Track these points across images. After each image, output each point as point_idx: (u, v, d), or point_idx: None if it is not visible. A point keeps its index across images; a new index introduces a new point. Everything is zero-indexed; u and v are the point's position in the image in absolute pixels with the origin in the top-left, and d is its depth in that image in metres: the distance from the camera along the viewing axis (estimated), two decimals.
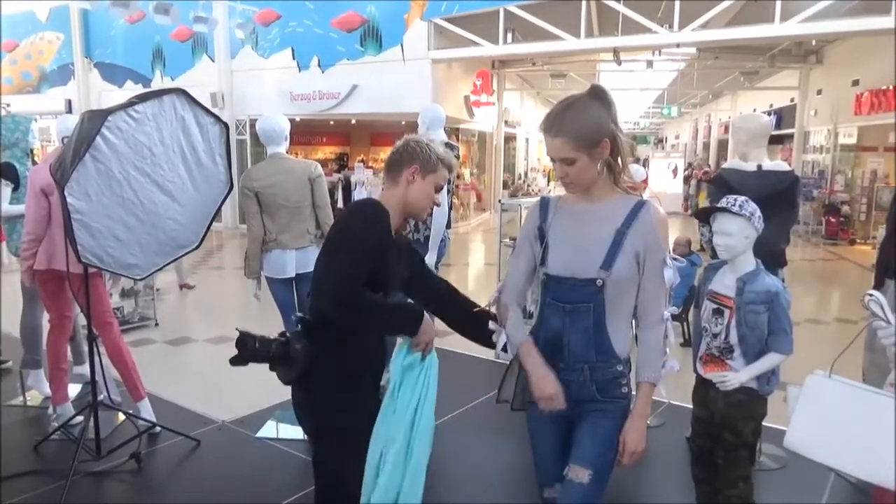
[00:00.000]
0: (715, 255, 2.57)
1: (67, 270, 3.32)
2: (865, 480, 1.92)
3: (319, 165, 4.01)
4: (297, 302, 3.89)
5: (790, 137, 16.18)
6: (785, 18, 9.61)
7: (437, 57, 12.65)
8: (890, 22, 8.87)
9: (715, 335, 2.49)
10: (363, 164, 13.70)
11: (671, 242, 4.76)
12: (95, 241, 3.09)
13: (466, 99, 14.77)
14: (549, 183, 22.78)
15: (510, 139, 19.85)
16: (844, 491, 3.15)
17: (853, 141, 13.81)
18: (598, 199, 1.84)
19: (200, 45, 14.79)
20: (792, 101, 16.24)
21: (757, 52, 15.12)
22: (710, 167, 20.83)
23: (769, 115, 15.44)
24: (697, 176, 18.86)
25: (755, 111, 16.36)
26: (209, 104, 11.15)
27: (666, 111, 26.59)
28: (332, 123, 17.43)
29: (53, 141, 11.73)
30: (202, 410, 4.15)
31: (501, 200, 9.36)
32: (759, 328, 2.39)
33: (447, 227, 4.34)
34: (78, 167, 2.92)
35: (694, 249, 6.15)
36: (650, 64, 15.09)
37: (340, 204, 12.88)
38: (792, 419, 1.87)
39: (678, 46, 12.00)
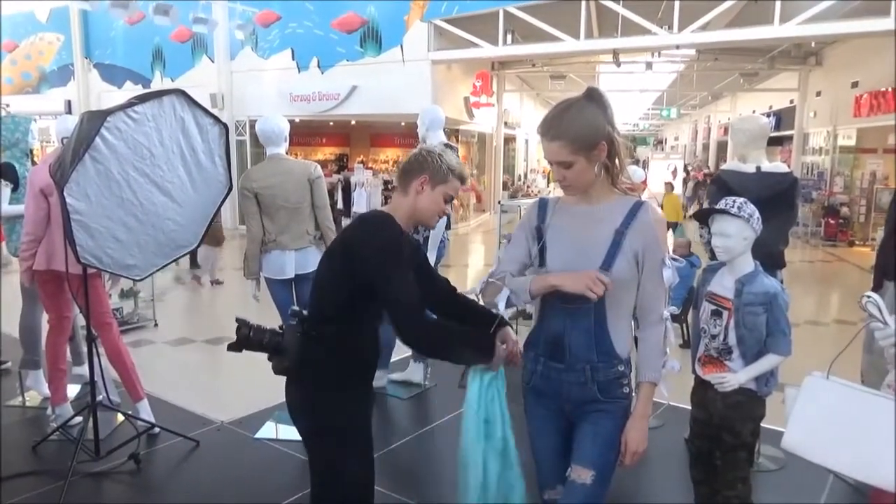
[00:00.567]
0: (714, 256, 2.58)
1: (67, 271, 3.31)
2: (863, 482, 1.92)
3: (319, 166, 4.01)
4: (296, 302, 3.89)
5: (789, 139, 16.20)
6: (784, 20, 9.62)
7: (436, 58, 12.66)
8: (889, 24, 8.88)
9: (713, 336, 2.49)
10: (363, 165, 13.72)
11: (670, 243, 4.77)
12: (94, 241, 3.09)
13: (466, 100, 14.78)
14: (548, 184, 22.79)
15: (510, 140, 19.87)
16: (843, 492, 3.15)
17: (852, 143, 13.84)
18: (596, 200, 1.85)
19: (200, 45, 14.80)
20: (791, 102, 16.27)
21: (756, 53, 15.15)
22: (709, 168, 20.86)
23: (769, 116, 15.49)
24: (694, 178, 18.88)
25: (754, 113, 16.38)
26: (209, 105, 11.15)
27: (665, 113, 26.65)
28: (331, 124, 17.45)
29: (53, 141, 11.73)
30: (201, 411, 4.14)
31: (501, 202, 9.37)
32: (757, 329, 2.39)
33: (447, 228, 4.35)
34: (77, 168, 2.92)
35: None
36: (649, 65, 15.11)
37: (340, 205, 12.89)
38: (790, 420, 1.87)
39: (678, 48, 12.03)
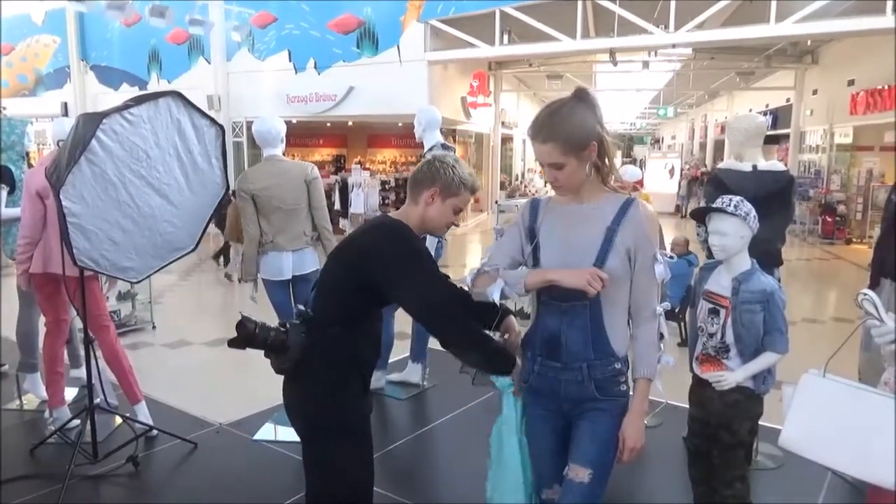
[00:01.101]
0: (711, 254, 2.58)
1: (63, 274, 3.31)
2: (861, 479, 1.92)
3: (316, 167, 4.01)
4: (293, 304, 3.89)
5: (786, 137, 16.22)
6: (780, 19, 9.63)
7: (433, 58, 12.66)
8: (885, 22, 8.90)
9: (711, 335, 2.49)
10: (360, 165, 13.70)
11: (668, 243, 4.78)
12: (91, 244, 3.09)
13: (463, 100, 14.78)
14: (545, 184, 22.75)
15: (507, 140, 19.87)
16: (841, 490, 3.15)
17: (849, 141, 13.86)
18: (587, 198, 1.86)
19: (196, 47, 14.79)
20: (788, 101, 16.29)
21: (753, 52, 15.17)
22: (706, 167, 20.89)
23: (765, 115, 15.53)
24: (688, 176, 18.89)
25: (751, 111, 16.41)
26: (205, 106, 11.11)
27: (662, 112, 26.65)
28: (328, 125, 17.46)
29: (49, 144, 11.72)
30: (199, 413, 4.13)
31: (498, 201, 9.38)
32: (754, 327, 2.40)
33: None
34: (73, 170, 2.92)
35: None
36: (646, 65, 15.12)
37: (338, 206, 12.87)
38: (787, 418, 1.87)
39: (674, 47, 12.03)
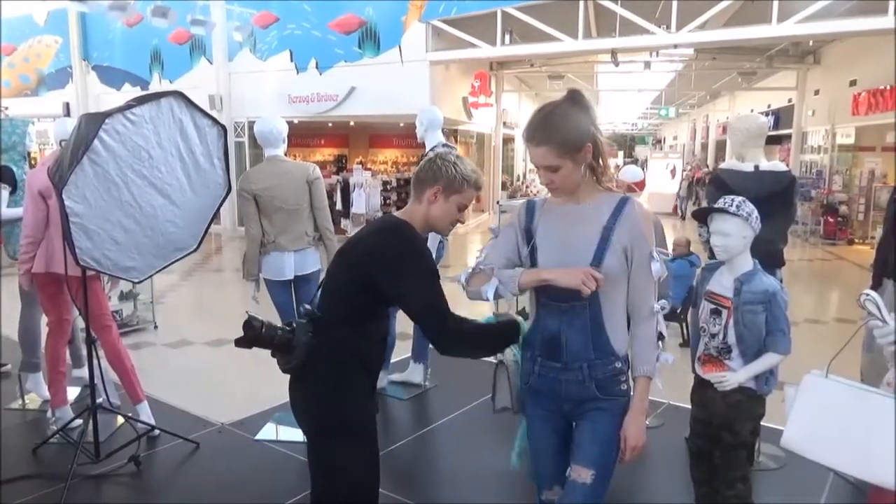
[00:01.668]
0: (713, 255, 2.58)
1: (66, 273, 3.31)
2: (863, 480, 1.92)
3: (317, 168, 4.02)
4: (295, 303, 3.89)
5: (788, 138, 16.21)
6: (782, 19, 9.62)
7: (435, 58, 12.66)
8: (887, 22, 8.89)
9: (713, 335, 2.49)
10: (362, 166, 13.69)
11: (670, 243, 4.78)
12: (93, 244, 3.09)
13: (465, 100, 14.77)
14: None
15: (508, 140, 19.85)
16: (843, 490, 3.15)
17: (851, 141, 13.85)
18: (582, 198, 1.86)
19: (198, 47, 14.79)
20: (790, 101, 16.27)
21: (754, 52, 15.15)
22: (708, 167, 20.88)
23: (767, 115, 15.50)
24: (688, 178, 18.87)
25: (752, 111, 16.40)
26: (207, 107, 11.14)
27: (664, 112, 26.66)
28: (330, 125, 17.43)
29: (51, 144, 11.72)
30: (201, 413, 4.14)
31: (500, 202, 9.35)
32: (756, 328, 2.40)
33: None
34: (76, 170, 2.92)
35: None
36: (648, 65, 15.11)
37: (339, 206, 12.88)
38: (789, 419, 1.88)
39: (676, 47, 12.01)
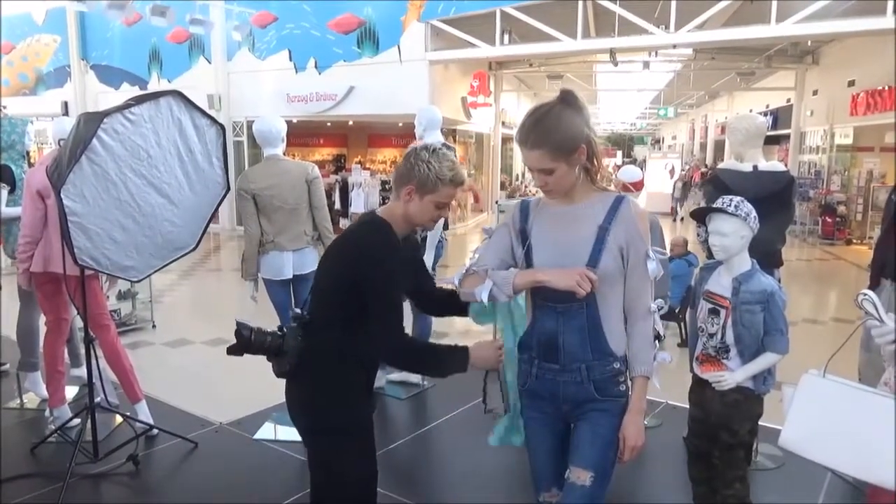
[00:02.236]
0: (711, 255, 2.58)
1: (64, 273, 3.31)
2: (861, 479, 1.93)
3: (316, 167, 4.01)
4: (293, 303, 3.89)
5: (787, 138, 16.23)
6: (781, 19, 9.64)
7: (433, 58, 12.66)
8: (885, 23, 8.90)
9: (711, 335, 2.50)
10: (360, 165, 13.70)
11: (667, 243, 4.78)
12: (92, 243, 3.09)
13: (463, 100, 14.78)
14: None
15: (507, 140, 19.83)
16: (841, 490, 3.16)
17: (849, 141, 13.87)
18: (577, 199, 1.85)
19: (197, 46, 14.78)
20: (788, 101, 16.29)
21: (753, 52, 15.16)
22: (707, 167, 20.90)
23: (766, 115, 15.53)
24: (684, 178, 18.88)
25: (751, 111, 16.41)
26: (206, 106, 11.10)
27: (662, 112, 26.68)
28: (329, 125, 17.44)
29: (50, 143, 11.72)
30: (200, 412, 4.14)
31: (498, 201, 9.36)
32: (754, 328, 2.40)
33: (444, 228, 4.35)
34: (74, 169, 2.92)
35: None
36: (647, 65, 15.14)
37: (338, 205, 12.88)
38: (787, 419, 1.88)
39: (674, 47, 12.03)
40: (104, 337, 3.72)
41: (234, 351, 1.98)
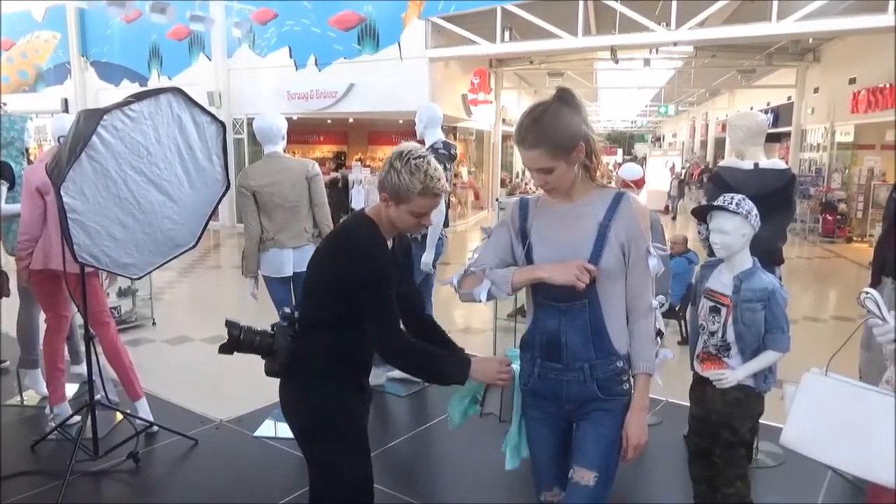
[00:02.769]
0: (712, 253, 2.58)
1: (64, 270, 3.30)
2: (862, 478, 1.92)
3: (317, 164, 4.00)
4: (294, 300, 3.89)
5: (787, 135, 16.22)
6: (782, 17, 9.62)
7: (434, 55, 12.64)
8: (886, 20, 8.89)
9: (712, 333, 2.49)
10: (360, 162, 13.68)
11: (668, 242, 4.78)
12: (92, 240, 3.08)
13: (464, 97, 14.76)
14: None
15: (508, 137, 19.79)
16: (841, 488, 3.16)
17: (850, 139, 13.86)
18: (577, 196, 1.83)
19: (197, 43, 14.77)
20: (789, 99, 16.28)
21: (754, 50, 15.15)
22: (707, 164, 20.89)
23: (766, 113, 15.52)
24: (677, 176, 18.86)
25: (752, 109, 16.39)
26: (206, 103, 11.12)
27: (663, 109, 26.65)
28: (329, 122, 17.44)
29: (49, 140, 11.68)
30: (200, 410, 4.14)
31: (499, 199, 9.34)
32: (755, 326, 2.40)
33: (445, 225, 4.35)
34: (74, 166, 2.91)
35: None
36: (647, 62, 15.09)
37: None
38: (788, 417, 1.87)
39: (675, 45, 12.01)
40: (104, 334, 3.71)
41: (224, 350, 2.00)
